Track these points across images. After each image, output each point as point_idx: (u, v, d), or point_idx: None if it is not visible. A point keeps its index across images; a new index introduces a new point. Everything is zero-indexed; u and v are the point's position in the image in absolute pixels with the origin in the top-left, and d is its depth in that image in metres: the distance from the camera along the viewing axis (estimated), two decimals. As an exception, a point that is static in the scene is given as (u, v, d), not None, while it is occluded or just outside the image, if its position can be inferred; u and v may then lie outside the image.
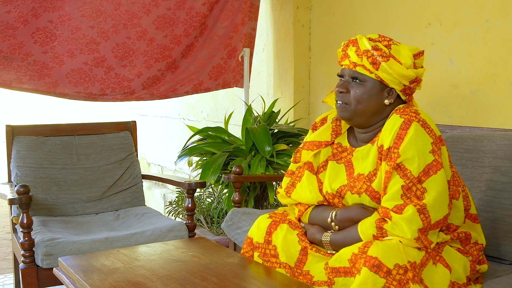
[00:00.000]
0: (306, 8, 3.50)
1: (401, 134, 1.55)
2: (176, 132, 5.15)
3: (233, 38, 3.57)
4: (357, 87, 1.65)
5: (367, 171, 1.67)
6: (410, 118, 1.56)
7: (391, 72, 1.61)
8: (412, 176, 1.52)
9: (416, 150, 1.53)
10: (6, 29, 2.91)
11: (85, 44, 3.16)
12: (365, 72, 1.63)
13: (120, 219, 2.73)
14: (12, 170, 2.76)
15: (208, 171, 2.97)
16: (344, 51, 1.69)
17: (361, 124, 1.70)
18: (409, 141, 1.54)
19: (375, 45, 1.63)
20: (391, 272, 1.41)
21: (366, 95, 1.64)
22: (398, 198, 1.53)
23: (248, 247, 1.80)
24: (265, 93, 3.81)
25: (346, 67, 1.67)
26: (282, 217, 1.81)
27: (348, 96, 1.66)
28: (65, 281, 1.66)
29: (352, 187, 1.68)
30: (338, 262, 1.54)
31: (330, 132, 1.79)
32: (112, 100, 3.39)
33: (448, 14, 2.56)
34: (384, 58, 1.61)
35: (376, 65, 1.61)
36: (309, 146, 1.80)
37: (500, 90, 2.35)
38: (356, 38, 1.68)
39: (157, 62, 3.39)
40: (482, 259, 1.71)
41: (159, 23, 3.30)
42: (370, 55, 1.62)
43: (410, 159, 1.53)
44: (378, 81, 1.64)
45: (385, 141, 1.59)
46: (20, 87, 3.10)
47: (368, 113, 1.66)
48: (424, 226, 1.50)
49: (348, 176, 1.72)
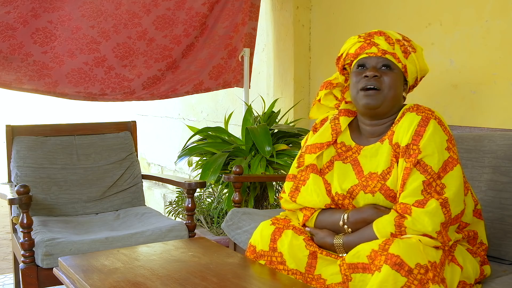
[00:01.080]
0: (306, 8, 3.50)
1: (420, 131, 1.56)
2: (176, 132, 5.15)
3: (233, 38, 3.57)
4: (389, 74, 1.64)
5: (380, 169, 1.65)
6: (427, 116, 1.58)
7: (416, 63, 1.66)
8: (433, 172, 1.53)
9: (435, 146, 1.55)
10: (6, 30, 2.91)
11: (86, 44, 3.16)
12: (394, 60, 1.64)
13: (120, 219, 2.73)
14: (12, 170, 2.76)
15: (208, 171, 2.97)
16: (367, 40, 1.67)
17: (384, 112, 1.67)
18: (429, 137, 1.55)
19: (403, 36, 1.68)
20: (413, 272, 1.39)
21: (396, 81, 1.65)
22: (419, 193, 1.52)
23: (252, 255, 1.75)
24: (265, 93, 3.81)
25: (373, 55, 1.65)
26: (285, 223, 1.75)
27: (380, 80, 1.64)
28: (65, 281, 1.66)
29: (365, 186, 1.66)
30: (357, 258, 1.51)
31: (330, 132, 1.77)
32: (112, 100, 3.39)
33: (448, 14, 2.56)
34: (413, 49, 1.67)
35: (406, 54, 1.65)
36: (312, 149, 1.77)
37: (500, 90, 2.35)
38: (380, 30, 1.69)
39: (157, 62, 3.39)
40: (485, 260, 1.72)
41: (159, 23, 3.29)
42: (402, 44, 1.66)
43: (430, 155, 1.54)
44: (402, 71, 1.66)
45: (403, 139, 1.59)
46: (20, 87, 3.10)
47: (394, 102, 1.66)
48: (446, 220, 1.50)
49: (358, 175, 1.69)
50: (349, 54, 1.71)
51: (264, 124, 3.08)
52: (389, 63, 1.64)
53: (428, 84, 2.67)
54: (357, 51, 1.68)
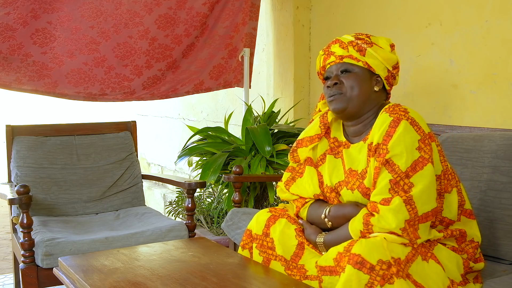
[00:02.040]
0: (306, 8, 3.50)
1: (390, 132, 1.60)
2: (176, 132, 5.15)
3: (234, 38, 3.57)
4: (348, 76, 1.73)
5: (360, 168, 1.71)
6: (399, 117, 1.61)
7: (376, 56, 1.72)
8: (400, 171, 1.56)
9: (404, 146, 1.57)
10: (6, 31, 2.91)
11: (85, 44, 3.16)
12: (352, 61, 1.72)
13: (120, 219, 2.73)
14: (12, 170, 2.76)
15: (208, 171, 2.97)
16: (326, 52, 1.79)
17: (355, 112, 1.74)
18: (398, 138, 1.58)
19: (356, 36, 1.75)
20: (374, 268, 1.43)
21: (358, 81, 1.72)
22: (386, 192, 1.56)
23: (248, 239, 1.86)
24: (265, 93, 3.81)
25: (333, 64, 1.76)
26: (282, 212, 1.86)
27: (340, 86, 1.73)
28: (65, 281, 1.66)
29: (347, 182, 1.74)
30: (325, 261, 1.58)
31: (318, 125, 1.85)
32: (112, 100, 3.39)
33: (448, 14, 2.56)
34: (368, 45, 1.73)
35: (362, 51, 1.72)
36: (302, 143, 1.87)
37: (500, 90, 2.35)
38: (336, 38, 1.79)
39: (158, 62, 3.39)
40: (479, 257, 1.72)
41: (161, 23, 3.30)
42: (355, 44, 1.73)
43: (398, 154, 1.57)
44: (365, 68, 1.73)
45: (374, 138, 1.64)
46: (19, 88, 3.10)
47: (361, 100, 1.72)
48: (411, 217, 1.52)
49: (344, 171, 1.77)
50: (320, 68, 1.84)
51: (264, 124, 3.08)
52: (347, 66, 1.73)
53: (428, 84, 2.67)
54: (323, 64, 1.81)
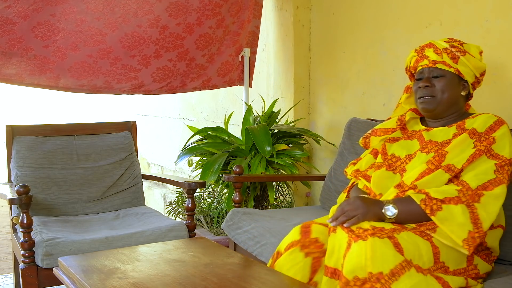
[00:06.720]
0: (306, 8, 3.50)
1: (494, 127, 1.78)
2: (176, 132, 5.15)
3: (240, 35, 3.52)
4: (440, 80, 1.88)
5: (440, 140, 1.86)
6: (501, 120, 1.80)
7: (468, 64, 1.86)
8: (505, 158, 1.73)
9: (508, 141, 1.75)
10: (5, 24, 2.84)
11: (90, 36, 3.08)
12: (445, 67, 1.87)
13: (120, 219, 2.73)
14: (12, 170, 2.76)
15: (208, 171, 2.97)
16: (419, 54, 1.94)
17: (442, 113, 1.90)
18: (503, 133, 1.76)
19: (451, 43, 1.89)
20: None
21: (448, 86, 1.87)
22: (491, 173, 1.71)
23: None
24: (265, 93, 3.81)
25: (426, 67, 1.91)
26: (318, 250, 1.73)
27: (432, 89, 1.88)
28: (65, 281, 1.66)
29: (423, 148, 1.88)
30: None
31: (395, 121, 2.04)
32: (118, 93, 3.29)
33: (448, 14, 2.56)
34: (461, 53, 1.87)
35: (455, 59, 1.86)
36: (376, 132, 2.06)
37: (500, 90, 2.35)
38: (430, 42, 1.93)
39: (168, 52, 3.30)
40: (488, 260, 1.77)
41: (172, 10, 3.19)
42: (449, 51, 1.88)
43: (503, 146, 1.74)
44: (456, 74, 1.87)
45: (479, 127, 1.79)
46: (21, 82, 3.03)
47: (450, 102, 1.88)
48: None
49: (421, 143, 1.91)
50: (410, 66, 2.00)
51: (264, 124, 3.08)
52: (440, 71, 1.88)
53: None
54: (414, 64, 1.96)
